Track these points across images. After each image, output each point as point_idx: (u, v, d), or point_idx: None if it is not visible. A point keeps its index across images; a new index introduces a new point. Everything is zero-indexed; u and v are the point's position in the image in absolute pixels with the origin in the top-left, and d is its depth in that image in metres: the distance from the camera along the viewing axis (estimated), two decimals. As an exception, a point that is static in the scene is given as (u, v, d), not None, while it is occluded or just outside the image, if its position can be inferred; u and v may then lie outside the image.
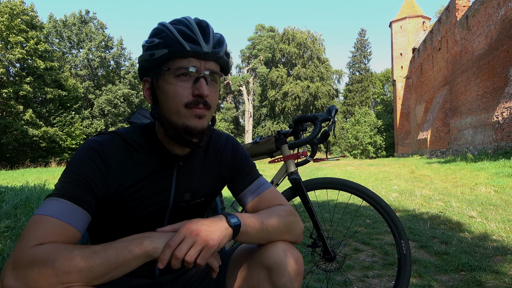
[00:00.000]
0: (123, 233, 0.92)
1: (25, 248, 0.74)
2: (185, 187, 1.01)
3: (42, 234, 0.76)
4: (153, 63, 0.89)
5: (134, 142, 0.95)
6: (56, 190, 0.84)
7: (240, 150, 1.11)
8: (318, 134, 1.79)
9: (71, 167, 0.87)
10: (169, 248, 0.78)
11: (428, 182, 7.74)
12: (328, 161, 15.35)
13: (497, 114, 12.57)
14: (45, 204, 0.81)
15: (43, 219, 0.78)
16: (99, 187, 0.87)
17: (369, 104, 47.26)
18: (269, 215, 0.97)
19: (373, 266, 2.55)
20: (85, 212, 0.83)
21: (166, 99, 0.88)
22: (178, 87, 0.87)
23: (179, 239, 0.79)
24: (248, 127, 42.96)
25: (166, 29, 0.89)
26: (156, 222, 0.98)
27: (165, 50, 0.86)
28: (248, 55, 44.21)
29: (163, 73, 0.88)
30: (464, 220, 3.84)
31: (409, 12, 32.75)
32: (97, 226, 0.98)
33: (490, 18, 14.69)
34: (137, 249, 0.77)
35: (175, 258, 0.77)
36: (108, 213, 0.93)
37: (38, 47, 24.91)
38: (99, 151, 0.89)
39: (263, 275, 0.93)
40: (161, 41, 0.88)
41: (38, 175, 12.74)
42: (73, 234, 0.80)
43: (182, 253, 0.78)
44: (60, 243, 0.77)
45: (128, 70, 34.22)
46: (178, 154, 0.97)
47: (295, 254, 0.94)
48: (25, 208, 4.12)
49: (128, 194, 0.92)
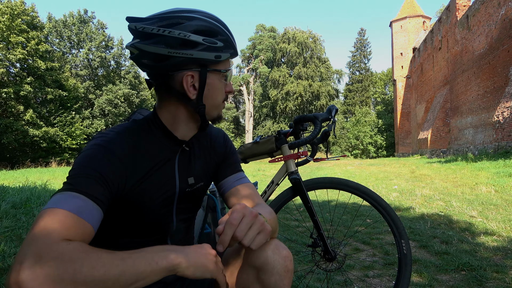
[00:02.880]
0: (132, 229, 0.93)
1: (50, 242, 0.67)
2: (188, 172, 1.03)
3: (63, 230, 0.71)
4: (214, 62, 0.93)
5: (138, 135, 0.95)
6: (68, 185, 0.79)
7: (230, 141, 1.18)
8: (319, 134, 1.78)
9: (84, 163, 0.83)
10: (231, 227, 0.74)
11: (429, 182, 7.73)
12: (329, 161, 15.35)
13: (498, 113, 12.56)
14: (59, 198, 0.76)
15: (61, 213, 0.73)
16: (114, 183, 0.85)
17: (370, 104, 47.27)
18: (268, 213, 0.98)
19: (374, 265, 2.55)
20: (99, 209, 0.80)
21: (215, 94, 0.97)
22: (223, 86, 0.98)
23: (239, 218, 0.76)
24: (248, 127, 42.95)
25: (225, 31, 0.94)
26: (165, 211, 0.99)
27: (228, 54, 0.94)
28: (248, 55, 44.20)
29: (217, 73, 0.95)
30: (464, 220, 3.84)
31: (409, 11, 32.75)
32: (102, 224, 0.94)
33: (491, 17, 14.68)
34: (164, 262, 0.73)
35: (235, 238, 0.74)
36: (119, 208, 0.92)
37: (39, 48, 24.93)
38: (109, 147, 0.88)
39: (252, 275, 0.92)
40: (222, 44, 0.93)
41: (39, 175, 12.74)
42: (90, 231, 0.77)
43: (242, 234, 0.75)
44: (87, 244, 0.72)
45: (129, 70, 34.20)
46: (184, 140, 1.00)
47: (283, 252, 0.93)
48: (25, 208, 4.12)
49: (139, 187, 0.92)
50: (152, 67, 0.91)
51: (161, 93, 0.97)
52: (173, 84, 0.92)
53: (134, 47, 0.90)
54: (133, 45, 0.90)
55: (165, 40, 0.87)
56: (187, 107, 0.95)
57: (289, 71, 42.47)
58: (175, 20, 0.88)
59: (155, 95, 1.01)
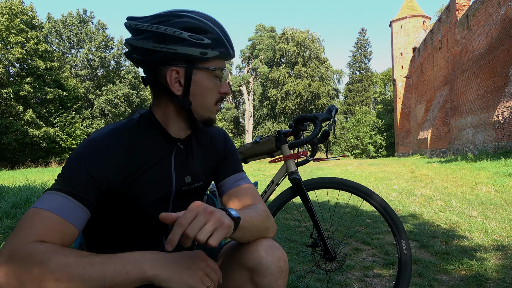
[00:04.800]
0: (125, 228, 0.91)
1: (22, 243, 0.71)
2: (185, 170, 1.01)
3: (40, 230, 0.74)
4: (200, 60, 0.91)
5: (132, 132, 0.95)
6: (57, 184, 0.82)
7: (230, 140, 1.16)
8: (318, 134, 1.78)
9: (73, 161, 0.85)
10: (180, 227, 0.71)
11: (429, 182, 7.73)
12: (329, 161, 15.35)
13: (498, 113, 12.57)
14: (45, 198, 0.79)
15: (42, 213, 0.76)
16: (104, 181, 0.85)
17: (370, 104, 47.28)
18: (255, 212, 0.95)
19: (374, 265, 2.55)
20: (86, 209, 0.81)
21: (203, 94, 0.94)
22: (214, 86, 0.95)
23: (191, 217, 0.73)
24: (248, 127, 42.95)
25: (216, 30, 0.92)
26: (161, 209, 0.97)
27: (216, 52, 0.91)
28: (248, 55, 44.21)
29: (205, 70, 0.92)
30: (464, 220, 3.84)
31: (409, 11, 32.75)
32: (95, 223, 0.95)
33: (491, 17, 14.68)
34: (135, 273, 0.73)
35: (187, 237, 0.71)
36: (112, 207, 0.92)
37: (38, 47, 24.93)
38: (101, 145, 0.88)
39: (245, 276, 0.91)
40: (210, 41, 0.90)
41: (39, 175, 12.75)
42: (71, 232, 0.78)
43: (195, 231, 0.71)
44: (58, 245, 0.74)
45: (129, 70, 34.21)
46: (179, 138, 0.99)
47: (277, 252, 0.92)
48: (25, 208, 4.12)
49: (134, 183, 0.91)
50: (140, 62, 0.94)
51: (153, 90, 0.98)
52: (160, 79, 0.93)
53: (127, 43, 0.93)
54: (126, 41, 0.94)
55: (152, 36, 0.89)
56: (175, 103, 0.95)
57: (289, 70, 42.49)
58: (166, 18, 0.90)
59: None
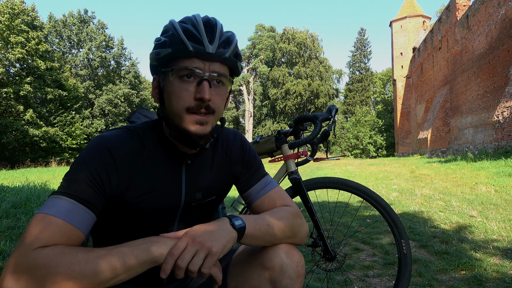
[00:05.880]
0: (131, 235, 0.87)
1: (27, 251, 0.70)
2: (196, 186, 0.97)
3: (44, 236, 0.73)
4: (159, 62, 0.87)
5: (143, 138, 0.92)
6: (61, 188, 0.80)
7: (248, 146, 1.09)
8: (318, 134, 1.78)
9: (79, 164, 0.82)
10: (171, 257, 0.75)
11: (429, 182, 7.73)
12: (329, 161, 15.34)
13: (498, 113, 12.56)
14: (50, 203, 0.77)
15: (47, 218, 0.74)
16: (108, 185, 0.83)
17: (370, 104, 47.27)
18: (274, 217, 0.95)
19: (374, 265, 2.55)
20: (91, 213, 0.80)
21: (170, 100, 0.86)
22: (181, 90, 0.84)
23: (182, 247, 0.77)
24: (249, 127, 42.94)
25: (172, 27, 0.86)
26: (166, 222, 0.96)
27: (169, 49, 0.84)
28: (248, 55, 44.19)
29: (168, 73, 0.86)
30: (464, 220, 3.84)
31: (409, 11, 32.74)
32: (102, 227, 0.94)
33: (491, 17, 14.68)
34: (144, 255, 0.75)
35: (178, 267, 0.75)
36: (116, 213, 0.90)
37: (39, 47, 24.92)
38: (108, 148, 0.85)
39: (264, 276, 0.92)
40: (167, 40, 0.85)
41: (39, 175, 12.75)
42: (77, 236, 0.77)
43: (185, 262, 0.75)
44: (63, 245, 0.73)
45: (129, 70, 34.23)
46: (186, 152, 0.94)
47: (297, 256, 0.94)
48: (25, 208, 4.12)
49: (138, 192, 0.88)
50: None
51: None
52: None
53: None
54: None
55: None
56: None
57: (289, 70, 42.49)
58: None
59: None
